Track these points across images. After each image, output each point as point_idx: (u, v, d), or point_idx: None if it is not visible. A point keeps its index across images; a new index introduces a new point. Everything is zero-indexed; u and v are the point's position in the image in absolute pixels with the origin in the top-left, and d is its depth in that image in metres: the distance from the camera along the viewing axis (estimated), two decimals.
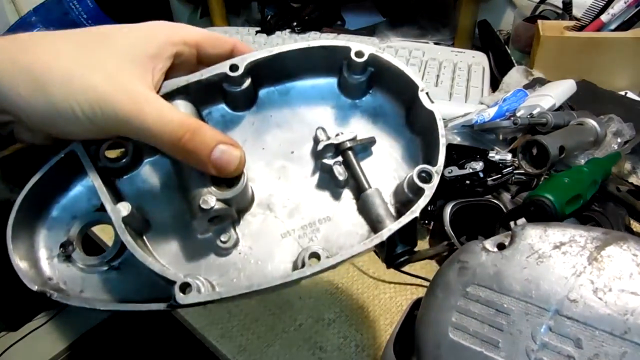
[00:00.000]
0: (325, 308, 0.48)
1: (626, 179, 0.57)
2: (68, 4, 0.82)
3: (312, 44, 0.34)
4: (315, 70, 0.37)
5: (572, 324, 0.27)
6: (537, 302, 0.28)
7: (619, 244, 0.28)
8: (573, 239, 0.30)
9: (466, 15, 0.83)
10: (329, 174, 0.34)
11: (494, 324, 0.29)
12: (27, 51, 0.28)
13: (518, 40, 0.80)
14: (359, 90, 0.36)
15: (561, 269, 0.29)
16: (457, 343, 0.29)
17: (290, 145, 0.35)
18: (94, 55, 0.29)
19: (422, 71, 0.78)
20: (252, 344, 0.46)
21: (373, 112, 0.36)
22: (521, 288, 0.29)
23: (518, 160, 0.53)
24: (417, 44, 0.86)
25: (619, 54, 0.69)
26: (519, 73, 0.72)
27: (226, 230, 0.32)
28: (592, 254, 0.28)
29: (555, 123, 0.56)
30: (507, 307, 0.29)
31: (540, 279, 0.29)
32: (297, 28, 0.88)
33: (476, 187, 0.51)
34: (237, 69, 0.33)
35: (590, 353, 0.26)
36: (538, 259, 0.30)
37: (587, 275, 0.28)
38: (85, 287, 0.31)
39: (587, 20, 0.70)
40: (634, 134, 0.58)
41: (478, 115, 0.60)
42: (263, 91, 0.37)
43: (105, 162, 0.32)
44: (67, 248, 0.32)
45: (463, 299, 0.31)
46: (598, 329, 0.26)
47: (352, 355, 0.44)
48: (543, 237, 0.31)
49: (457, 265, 0.32)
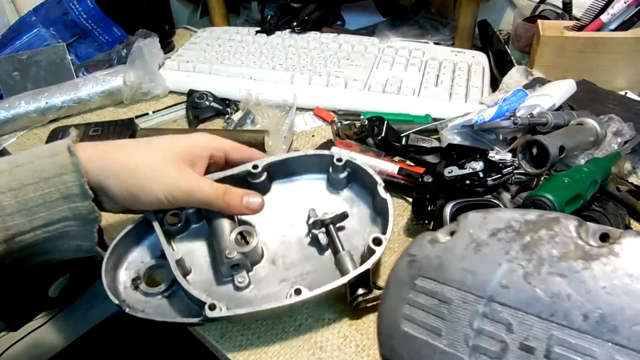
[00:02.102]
0: (325, 308, 0.48)
1: (626, 179, 0.57)
2: (68, 4, 0.82)
3: (309, 153, 0.54)
4: (312, 170, 0.54)
5: (503, 309, 0.27)
6: (473, 290, 0.29)
7: (551, 226, 0.28)
8: (509, 224, 0.30)
9: (466, 15, 0.83)
10: (316, 240, 0.49)
11: (437, 313, 0.30)
12: (122, 154, 0.43)
13: (518, 40, 0.80)
14: (340, 185, 0.53)
15: (496, 256, 0.29)
16: (407, 333, 0.31)
17: (291, 220, 0.52)
18: (165, 158, 0.43)
19: (422, 71, 0.78)
20: (252, 344, 0.46)
21: (350, 200, 0.53)
22: (460, 277, 0.30)
23: (518, 160, 0.53)
24: (417, 44, 0.86)
25: (619, 54, 0.69)
26: (519, 73, 0.72)
27: (242, 275, 0.46)
28: (524, 238, 0.28)
29: (555, 123, 0.56)
30: (448, 296, 0.30)
31: (476, 268, 0.29)
32: (297, 28, 0.88)
33: (476, 187, 0.51)
34: (257, 168, 0.51)
35: (520, 337, 0.26)
36: (476, 247, 0.30)
37: (519, 261, 0.28)
38: (146, 307, 0.46)
39: (587, 20, 0.70)
40: (634, 134, 0.58)
41: (478, 115, 0.60)
42: (275, 183, 0.54)
43: (167, 226, 0.48)
44: (137, 282, 0.47)
45: (412, 292, 0.32)
46: (527, 313, 0.26)
47: (352, 355, 0.44)
48: (482, 224, 0.31)
49: (407, 258, 0.34)
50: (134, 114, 0.76)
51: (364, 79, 0.76)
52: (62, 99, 0.75)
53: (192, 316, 0.44)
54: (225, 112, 0.75)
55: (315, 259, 0.49)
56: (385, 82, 0.75)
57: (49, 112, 0.75)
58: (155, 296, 0.46)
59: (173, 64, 0.83)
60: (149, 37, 0.84)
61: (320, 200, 0.53)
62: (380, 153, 0.60)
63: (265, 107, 0.73)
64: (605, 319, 0.24)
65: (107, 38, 0.86)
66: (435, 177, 0.53)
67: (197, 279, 0.47)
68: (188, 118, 0.75)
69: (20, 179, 0.38)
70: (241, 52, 0.84)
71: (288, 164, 0.53)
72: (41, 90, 0.76)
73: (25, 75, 0.80)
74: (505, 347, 0.27)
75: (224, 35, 0.90)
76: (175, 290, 0.47)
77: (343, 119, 0.71)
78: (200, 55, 0.84)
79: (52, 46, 0.82)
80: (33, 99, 0.74)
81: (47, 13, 0.84)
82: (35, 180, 0.38)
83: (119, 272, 0.48)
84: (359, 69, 0.78)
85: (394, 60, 0.80)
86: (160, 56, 0.84)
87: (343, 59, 0.81)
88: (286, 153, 0.57)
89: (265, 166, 0.51)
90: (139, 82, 0.77)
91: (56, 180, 0.38)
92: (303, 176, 0.55)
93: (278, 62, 0.81)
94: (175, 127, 0.75)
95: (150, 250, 0.49)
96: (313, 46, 0.85)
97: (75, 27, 0.84)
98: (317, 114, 0.74)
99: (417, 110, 0.71)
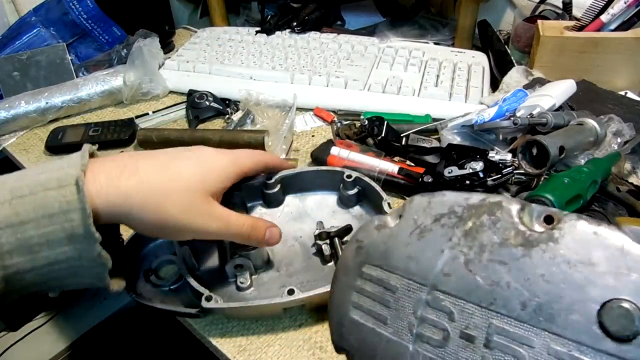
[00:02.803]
0: (325, 308, 0.48)
1: (626, 179, 0.57)
2: (68, 4, 0.82)
3: (320, 168, 0.57)
4: (324, 187, 0.57)
5: (445, 297, 0.27)
6: (417, 279, 0.28)
7: (493, 211, 0.27)
8: (452, 209, 0.29)
9: (466, 15, 0.83)
10: (320, 251, 0.50)
11: (383, 301, 0.30)
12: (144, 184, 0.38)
13: (518, 40, 0.80)
14: (351, 202, 0.56)
15: (438, 243, 0.28)
16: (355, 321, 0.31)
17: (300, 231, 0.54)
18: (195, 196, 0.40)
19: (422, 71, 0.78)
20: (252, 344, 0.46)
21: (360, 217, 0.55)
22: (404, 265, 0.29)
23: (518, 160, 0.53)
24: (417, 44, 0.86)
25: (619, 54, 0.69)
26: (519, 73, 0.72)
27: (245, 276, 0.49)
28: (467, 224, 0.28)
29: (555, 123, 0.56)
30: (394, 284, 0.29)
31: (420, 255, 0.29)
32: (297, 28, 0.88)
33: (476, 187, 0.51)
34: (272, 179, 0.54)
35: (461, 325, 0.26)
36: (420, 234, 0.29)
37: (461, 248, 0.27)
38: (153, 297, 0.49)
39: (587, 20, 0.70)
40: (634, 134, 0.58)
41: (478, 115, 0.60)
42: (289, 197, 0.57)
43: None
44: (148, 274, 0.51)
45: (360, 279, 0.32)
46: (468, 301, 0.26)
47: None
48: (427, 209, 0.30)
49: (355, 245, 0.33)
50: (134, 114, 0.76)
51: (364, 79, 0.76)
52: (62, 99, 0.75)
53: (194, 307, 0.47)
54: (225, 112, 0.75)
55: (317, 269, 0.50)
56: (385, 82, 0.75)
57: (49, 112, 0.75)
58: (162, 288, 0.50)
59: (173, 64, 0.83)
60: (149, 37, 0.84)
61: (330, 215, 0.56)
62: (380, 153, 0.60)
63: (265, 107, 0.73)
64: (542, 308, 0.24)
65: (107, 38, 0.86)
66: (435, 177, 0.53)
67: (203, 276, 0.50)
68: (188, 118, 0.75)
69: (20, 214, 0.33)
70: (241, 52, 0.84)
71: (301, 178, 0.56)
72: (41, 90, 0.76)
73: (25, 75, 0.80)
74: (447, 336, 0.26)
75: (224, 35, 0.90)
76: (181, 285, 0.50)
77: (343, 119, 0.71)
78: (200, 55, 0.84)
79: (52, 46, 0.82)
80: (33, 99, 0.74)
81: (47, 13, 0.84)
82: (37, 216, 0.33)
83: (134, 263, 0.52)
84: (359, 69, 0.78)
85: (394, 60, 0.80)
86: (160, 56, 0.84)
87: (343, 59, 0.81)
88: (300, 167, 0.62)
89: (278, 179, 0.54)
90: (139, 82, 0.77)
91: (61, 218, 0.33)
92: (316, 192, 0.58)
93: (278, 62, 0.81)
94: (175, 127, 0.75)
95: (166, 246, 0.54)
96: (313, 46, 0.85)
97: (75, 27, 0.84)
98: (317, 114, 0.74)
99: (417, 110, 0.70)
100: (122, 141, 0.70)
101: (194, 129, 0.73)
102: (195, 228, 0.40)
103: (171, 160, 0.40)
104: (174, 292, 0.50)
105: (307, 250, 0.52)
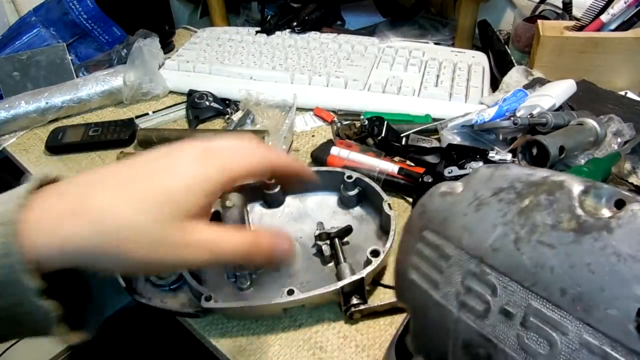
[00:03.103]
0: (325, 308, 0.48)
1: (626, 179, 0.57)
2: (68, 4, 0.82)
3: (321, 169, 0.57)
4: (325, 188, 0.58)
5: (491, 272, 0.27)
6: (468, 249, 0.29)
7: (553, 191, 0.26)
8: (512, 184, 0.29)
9: (466, 15, 0.83)
10: (320, 252, 0.51)
11: (437, 266, 0.30)
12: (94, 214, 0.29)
13: (518, 40, 0.80)
14: (351, 203, 0.56)
15: (493, 218, 0.28)
16: (413, 281, 0.32)
17: (300, 232, 0.54)
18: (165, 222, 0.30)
19: (422, 71, 0.78)
20: (252, 344, 0.46)
21: (360, 218, 0.56)
22: (459, 235, 0.29)
23: (518, 160, 0.53)
24: (417, 44, 0.86)
25: (619, 54, 0.69)
26: (519, 73, 0.72)
27: (245, 277, 0.49)
28: (524, 202, 0.27)
29: (555, 123, 0.56)
30: (447, 252, 0.30)
31: (475, 227, 0.29)
32: (297, 28, 0.88)
33: None
34: (272, 179, 0.52)
35: (502, 301, 0.26)
36: (478, 205, 0.29)
37: (513, 225, 0.27)
38: (153, 297, 0.50)
39: (587, 20, 0.70)
40: (634, 134, 0.58)
41: (478, 115, 0.60)
42: (289, 197, 0.58)
43: None
44: None
45: (420, 243, 0.32)
46: (512, 279, 0.26)
47: (352, 355, 0.44)
48: (488, 181, 0.30)
49: (420, 209, 0.34)
50: (134, 114, 0.76)
51: (364, 79, 0.76)
52: (62, 99, 0.75)
53: (193, 307, 0.47)
54: (225, 112, 0.75)
55: (317, 270, 0.51)
56: (385, 82, 0.75)
57: (49, 112, 0.75)
58: (162, 288, 0.50)
59: (173, 64, 0.83)
60: (149, 37, 0.84)
61: (331, 216, 0.56)
62: (380, 153, 0.60)
63: (265, 107, 0.73)
64: (582, 297, 0.23)
65: (107, 38, 0.86)
66: (435, 177, 0.53)
67: (204, 277, 0.50)
68: (188, 118, 0.75)
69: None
70: (241, 52, 0.84)
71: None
72: (41, 90, 0.76)
73: (25, 75, 0.80)
74: (488, 309, 0.27)
75: (224, 35, 0.90)
76: (181, 285, 0.50)
77: (343, 119, 0.71)
78: (200, 55, 0.84)
79: (52, 46, 0.82)
80: (33, 99, 0.74)
81: (47, 13, 0.84)
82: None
83: None
84: (359, 69, 0.78)
85: (394, 60, 0.80)
86: (160, 56, 0.84)
87: (343, 59, 0.81)
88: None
89: None
90: (139, 82, 0.77)
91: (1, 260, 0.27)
92: (316, 193, 0.58)
93: (278, 62, 0.81)
94: (175, 127, 0.75)
95: None
96: (313, 46, 0.85)
97: (75, 27, 0.84)
98: (317, 114, 0.74)
99: (417, 110, 0.70)
100: (122, 141, 0.70)
101: (194, 129, 0.73)
102: (174, 263, 0.31)
103: (131, 182, 0.30)
104: (174, 292, 0.50)
105: (308, 250, 0.52)
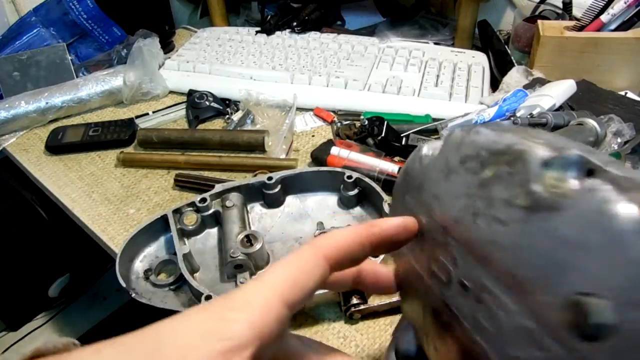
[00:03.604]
0: (325, 308, 0.48)
1: None
2: (68, 4, 0.82)
3: (321, 169, 0.57)
4: (325, 188, 0.58)
5: (453, 243, 0.27)
6: (436, 219, 0.28)
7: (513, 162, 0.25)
8: (478, 153, 0.27)
9: (466, 15, 0.83)
10: None
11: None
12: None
13: (518, 40, 0.80)
14: (351, 203, 0.56)
15: (458, 187, 0.27)
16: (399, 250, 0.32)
17: (300, 232, 0.54)
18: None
19: (422, 71, 0.78)
20: None
21: (360, 218, 0.56)
22: (430, 203, 0.29)
23: None
24: (417, 44, 0.86)
25: (619, 54, 0.69)
26: (519, 73, 0.72)
27: (245, 276, 0.49)
28: (485, 172, 0.26)
29: (555, 123, 0.56)
30: (421, 219, 0.30)
31: (442, 196, 0.28)
32: (297, 28, 0.88)
33: None
34: (272, 179, 0.54)
35: (460, 273, 0.26)
36: (447, 174, 0.28)
37: (474, 198, 0.26)
38: (152, 297, 0.49)
39: (587, 20, 0.70)
40: (634, 134, 0.58)
41: (478, 115, 0.60)
42: (289, 197, 0.58)
43: (183, 225, 0.53)
44: (148, 273, 0.51)
45: (401, 206, 0.32)
46: (468, 253, 0.26)
47: (352, 355, 0.44)
48: (459, 147, 0.28)
49: (403, 172, 0.33)
50: (134, 114, 0.76)
51: (364, 79, 0.76)
52: (62, 99, 0.75)
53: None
54: (225, 112, 0.75)
55: None
56: (385, 82, 0.75)
57: (49, 112, 0.75)
58: (162, 288, 0.50)
59: (173, 64, 0.83)
60: (149, 37, 0.84)
61: (330, 216, 0.56)
62: (380, 153, 0.60)
63: (265, 107, 0.73)
64: (524, 281, 0.22)
65: (107, 38, 0.86)
66: None
67: (204, 277, 0.51)
68: (188, 118, 0.75)
69: None
70: (241, 52, 0.84)
71: (301, 178, 0.56)
72: (41, 90, 0.76)
73: (25, 75, 0.80)
74: (450, 279, 0.27)
75: (224, 36, 0.90)
76: (181, 285, 0.50)
77: (343, 119, 0.71)
78: (200, 55, 0.84)
79: (52, 46, 0.82)
80: (33, 99, 0.74)
81: (47, 13, 0.84)
82: None
83: (134, 262, 0.52)
84: (359, 69, 0.78)
85: (394, 60, 0.80)
86: (160, 56, 0.84)
87: (343, 59, 0.81)
88: (300, 167, 0.62)
89: (279, 178, 0.55)
90: (139, 82, 0.77)
91: None
92: (316, 193, 0.58)
93: (278, 62, 0.81)
94: (175, 127, 0.75)
95: (166, 247, 0.54)
96: (313, 46, 0.85)
97: (75, 27, 0.84)
98: (317, 114, 0.74)
99: (417, 110, 0.70)
100: (122, 141, 0.70)
101: (194, 129, 0.73)
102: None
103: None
104: (174, 292, 0.50)
105: None
